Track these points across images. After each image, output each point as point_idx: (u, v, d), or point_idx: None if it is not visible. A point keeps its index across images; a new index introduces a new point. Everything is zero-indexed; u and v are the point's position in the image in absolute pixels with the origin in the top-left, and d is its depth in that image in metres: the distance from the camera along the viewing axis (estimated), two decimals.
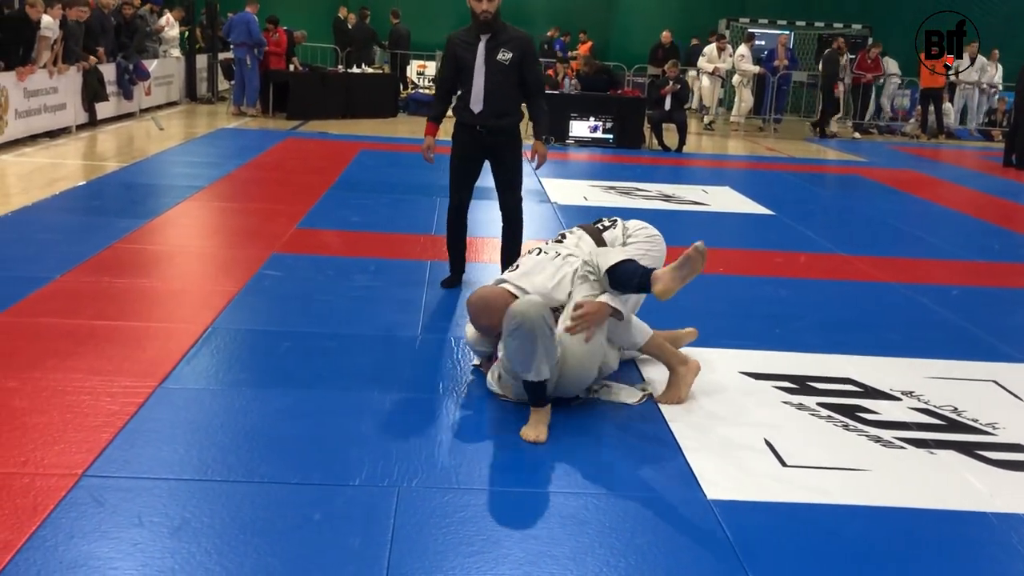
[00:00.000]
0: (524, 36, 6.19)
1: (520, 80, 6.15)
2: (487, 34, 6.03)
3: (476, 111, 6.11)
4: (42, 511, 3.31)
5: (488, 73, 6.05)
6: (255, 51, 16.44)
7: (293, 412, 4.29)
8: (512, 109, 6.24)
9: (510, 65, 6.06)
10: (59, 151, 11.80)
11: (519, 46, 6.08)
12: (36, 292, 5.77)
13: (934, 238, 9.09)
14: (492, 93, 6.07)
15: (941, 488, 3.91)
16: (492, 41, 6.04)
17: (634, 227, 5.02)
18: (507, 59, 6.04)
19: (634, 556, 3.27)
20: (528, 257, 4.79)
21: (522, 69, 6.12)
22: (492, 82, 6.06)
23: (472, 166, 6.34)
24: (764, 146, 16.56)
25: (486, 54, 6.04)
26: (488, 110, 6.11)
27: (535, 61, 6.27)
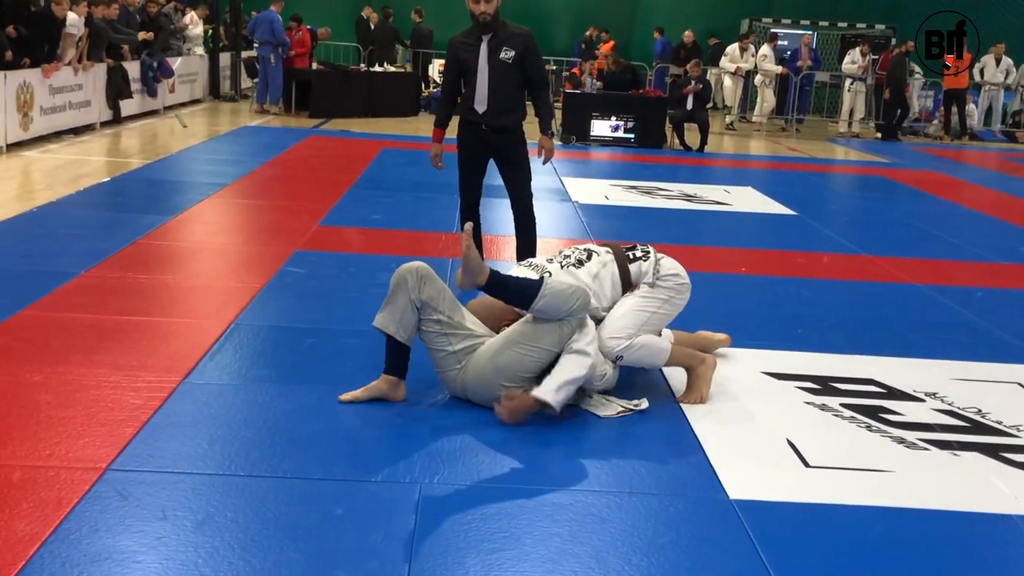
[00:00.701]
0: (525, 33, 6.19)
1: (523, 77, 6.17)
2: (488, 34, 6.07)
3: (480, 111, 6.14)
4: (66, 504, 3.33)
5: (491, 72, 6.07)
6: (279, 50, 16.49)
7: (316, 408, 4.30)
8: (516, 107, 6.26)
9: (513, 63, 6.08)
10: (84, 148, 11.88)
11: (521, 43, 6.10)
12: (61, 287, 5.81)
13: (957, 239, 9.03)
14: (496, 92, 6.10)
15: (965, 490, 3.88)
16: (494, 40, 6.07)
17: (667, 269, 4.69)
18: (510, 57, 6.07)
19: (656, 555, 3.26)
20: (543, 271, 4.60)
21: (525, 66, 6.13)
22: (495, 81, 6.08)
23: (478, 165, 6.36)
24: (786, 146, 16.51)
25: (488, 54, 6.07)
26: (492, 109, 6.12)
27: (537, 57, 6.25)
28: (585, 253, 4.72)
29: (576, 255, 4.70)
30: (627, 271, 4.65)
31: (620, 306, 4.59)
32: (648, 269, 4.65)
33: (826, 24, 23.06)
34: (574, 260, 4.64)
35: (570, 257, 4.68)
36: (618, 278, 4.63)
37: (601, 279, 4.59)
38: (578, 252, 4.74)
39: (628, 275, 4.64)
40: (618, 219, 9.16)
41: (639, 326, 4.51)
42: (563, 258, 4.68)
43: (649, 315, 4.56)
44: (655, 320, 4.59)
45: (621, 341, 4.47)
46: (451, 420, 4.27)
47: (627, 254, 4.72)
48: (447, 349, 4.34)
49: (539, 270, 4.55)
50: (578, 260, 4.65)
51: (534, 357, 4.25)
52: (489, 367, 4.26)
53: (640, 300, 4.58)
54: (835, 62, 21.26)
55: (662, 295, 4.62)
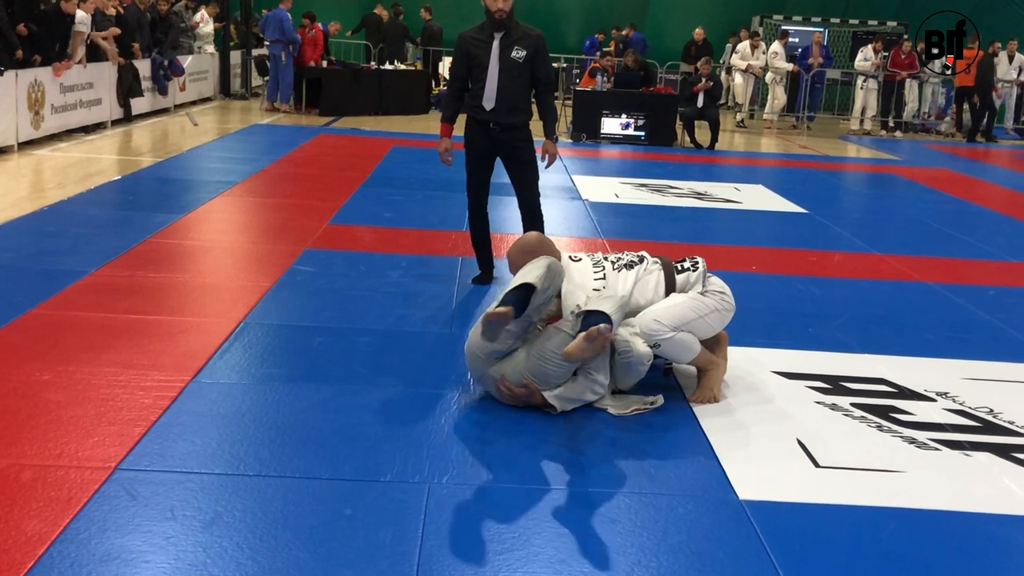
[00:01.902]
0: (537, 33, 6.18)
1: (531, 78, 6.17)
2: (501, 32, 6.06)
3: (489, 108, 6.13)
4: (76, 504, 3.34)
5: (502, 71, 6.07)
6: (289, 48, 16.50)
7: (325, 407, 4.30)
8: (524, 106, 6.26)
9: (523, 63, 6.08)
10: (94, 146, 11.91)
11: (532, 43, 6.10)
12: (72, 286, 5.82)
13: (970, 237, 8.99)
14: (505, 90, 6.10)
15: (976, 491, 3.86)
16: (506, 39, 6.06)
17: (715, 285, 4.74)
18: (521, 57, 6.06)
19: (666, 555, 3.25)
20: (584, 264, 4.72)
21: (534, 66, 6.14)
22: (506, 79, 6.08)
23: (486, 163, 6.34)
24: (797, 144, 16.46)
25: (500, 51, 6.06)
26: (501, 107, 6.12)
27: (547, 59, 6.26)
28: (637, 258, 4.81)
29: (628, 259, 4.79)
30: (673, 280, 4.71)
31: (674, 297, 4.63)
32: (696, 280, 4.71)
33: (837, 21, 23.00)
34: (626, 262, 4.75)
35: (622, 259, 4.78)
36: (663, 285, 4.69)
37: (644, 284, 4.67)
38: (631, 256, 4.83)
39: (674, 284, 4.71)
40: (628, 217, 9.14)
41: (686, 323, 4.52)
42: (616, 258, 4.78)
43: (698, 317, 4.56)
44: (700, 325, 4.58)
45: (665, 330, 4.46)
46: (460, 420, 4.26)
47: (675, 265, 4.80)
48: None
49: (593, 260, 4.75)
50: (628, 264, 4.75)
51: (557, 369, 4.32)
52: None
53: (693, 301, 4.60)
54: (846, 59, 21.19)
55: (713, 303, 4.64)
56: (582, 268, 4.67)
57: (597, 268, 4.68)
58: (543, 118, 6.35)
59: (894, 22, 22.66)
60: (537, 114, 6.30)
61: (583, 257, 4.78)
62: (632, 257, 4.81)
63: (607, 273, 4.65)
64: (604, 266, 4.70)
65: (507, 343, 4.34)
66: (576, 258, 4.76)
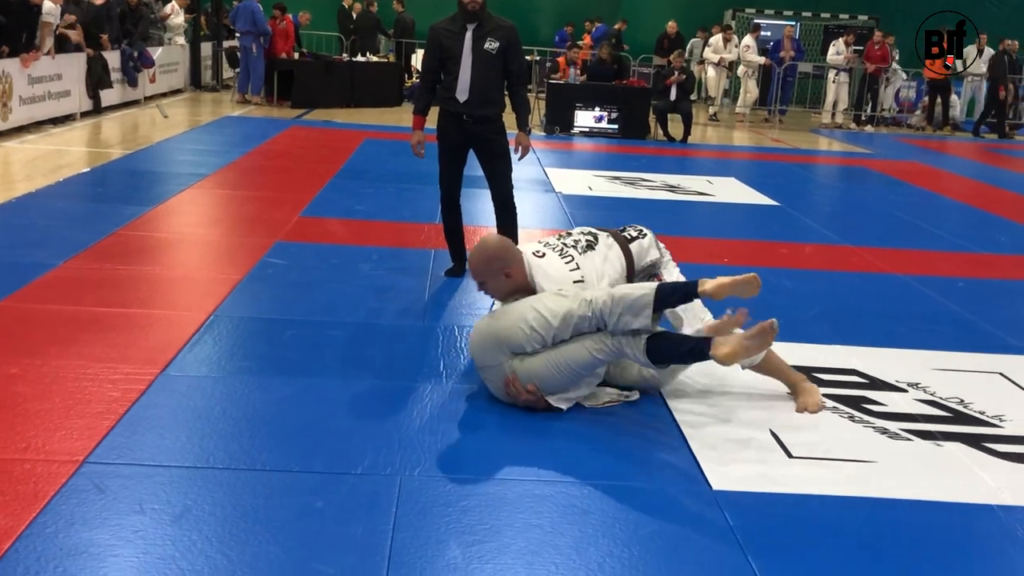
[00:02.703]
0: (510, 25, 6.14)
1: (504, 70, 6.12)
2: (474, 23, 6.00)
3: (462, 100, 6.07)
4: (43, 498, 3.30)
5: (475, 62, 6.01)
6: (260, 39, 16.39)
7: (296, 400, 4.27)
8: (497, 98, 6.20)
9: (496, 54, 6.03)
10: (63, 138, 11.79)
11: (505, 35, 6.05)
12: (40, 278, 5.76)
13: (940, 230, 9.05)
14: (478, 82, 6.04)
15: (947, 480, 3.88)
16: (479, 30, 6.00)
17: (666, 253, 4.86)
18: (494, 48, 6.01)
19: (637, 547, 3.25)
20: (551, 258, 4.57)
21: (507, 58, 6.09)
22: (478, 71, 6.03)
23: (459, 155, 6.29)
24: (769, 137, 16.52)
25: (473, 43, 6.01)
26: (474, 99, 6.07)
27: (519, 51, 6.22)
28: (592, 236, 4.74)
29: (585, 239, 4.70)
30: (629, 251, 4.70)
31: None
32: (648, 244, 4.75)
33: (809, 15, 23.08)
34: (584, 244, 4.66)
35: (580, 242, 4.68)
36: (622, 257, 4.67)
37: (611, 261, 4.63)
38: (585, 236, 4.74)
39: (631, 254, 4.69)
40: (601, 210, 9.13)
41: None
42: (573, 242, 4.68)
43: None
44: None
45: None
46: (432, 413, 4.24)
47: (624, 235, 4.77)
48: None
49: (555, 249, 4.61)
50: (588, 244, 4.66)
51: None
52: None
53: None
54: (818, 53, 21.27)
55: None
56: (552, 262, 4.55)
57: (565, 258, 4.57)
58: (516, 110, 6.31)
59: (865, 16, 22.76)
60: (510, 106, 6.27)
61: (545, 251, 4.61)
62: (587, 237, 4.72)
63: (577, 261, 4.56)
64: (571, 255, 4.59)
65: (534, 347, 4.25)
66: (540, 253, 4.59)
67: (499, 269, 4.45)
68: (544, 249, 4.62)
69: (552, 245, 4.66)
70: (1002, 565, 3.33)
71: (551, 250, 4.62)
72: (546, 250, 4.62)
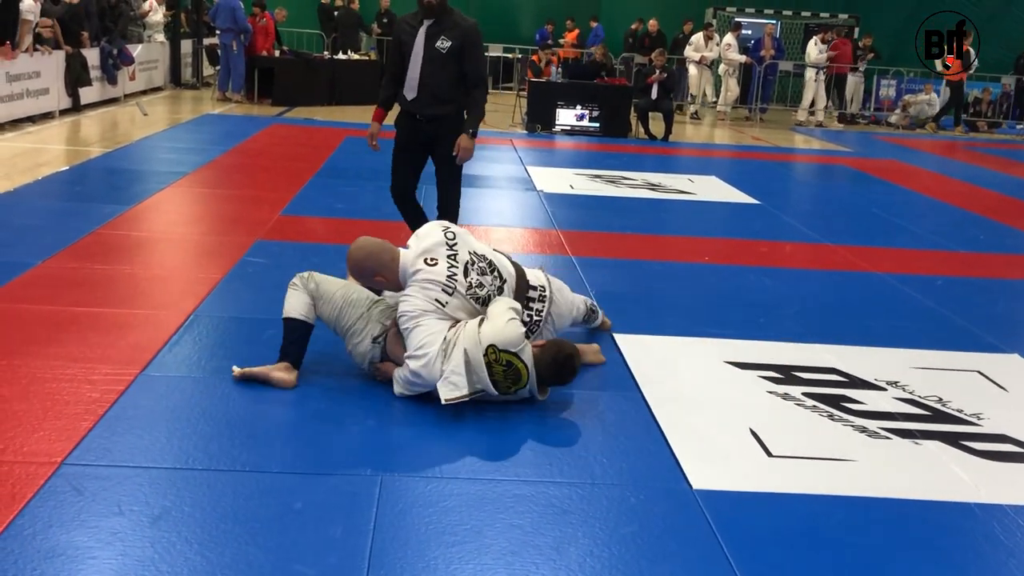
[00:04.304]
0: (469, 25, 5.93)
1: (460, 70, 5.92)
2: (430, 20, 5.86)
3: (410, 98, 5.97)
4: (20, 500, 3.28)
5: (425, 60, 5.86)
6: (240, 37, 16.33)
7: (276, 400, 4.26)
8: (449, 99, 5.97)
9: (448, 53, 5.84)
10: (42, 136, 11.71)
11: (461, 35, 5.85)
12: (17, 278, 5.72)
13: (919, 228, 9.10)
14: (427, 80, 5.89)
15: (926, 478, 3.90)
16: (434, 27, 5.85)
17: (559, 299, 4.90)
18: (445, 47, 5.83)
19: (617, 546, 3.25)
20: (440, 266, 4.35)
21: (462, 58, 5.88)
22: (428, 70, 5.88)
23: (412, 154, 6.16)
24: (750, 135, 16.56)
25: (426, 40, 5.85)
26: (422, 98, 5.93)
27: (476, 52, 5.98)
28: (497, 292, 4.50)
29: (492, 290, 4.48)
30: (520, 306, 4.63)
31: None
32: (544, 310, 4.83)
33: (790, 13, 23.13)
34: (482, 296, 4.43)
35: (483, 289, 4.44)
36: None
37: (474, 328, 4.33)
38: (494, 287, 4.50)
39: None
40: (583, 208, 9.14)
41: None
42: (478, 285, 4.43)
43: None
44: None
45: None
46: (413, 413, 4.23)
47: (527, 307, 4.71)
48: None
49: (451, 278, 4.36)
50: (486, 297, 4.45)
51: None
52: None
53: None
54: (799, 51, 21.32)
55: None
56: (435, 274, 4.33)
57: (448, 284, 4.33)
58: (467, 112, 6.06)
59: (845, 15, 22.83)
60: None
61: (439, 260, 4.37)
62: (490, 291, 4.47)
63: (452, 296, 4.33)
64: (454, 285, 4.34)
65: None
66: (432, 260, 4.36)
67: (371, 273, 4.46)
68: (441, 260, 4.38)
69: (455, 265, 4.38)
70: (980, 563, 3.35)
71: (446, 265, 4.37)
72: (442, 262, 4.37)
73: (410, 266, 4.36)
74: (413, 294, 4.30)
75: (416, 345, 4.22)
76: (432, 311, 4.27)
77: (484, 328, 4.23)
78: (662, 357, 5.09)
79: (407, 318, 4.27)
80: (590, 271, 6.62)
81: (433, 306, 4.28)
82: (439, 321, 4.28)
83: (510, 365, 4.18)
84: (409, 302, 4.29)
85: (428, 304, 4.27)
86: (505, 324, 4.26)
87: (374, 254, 4.44)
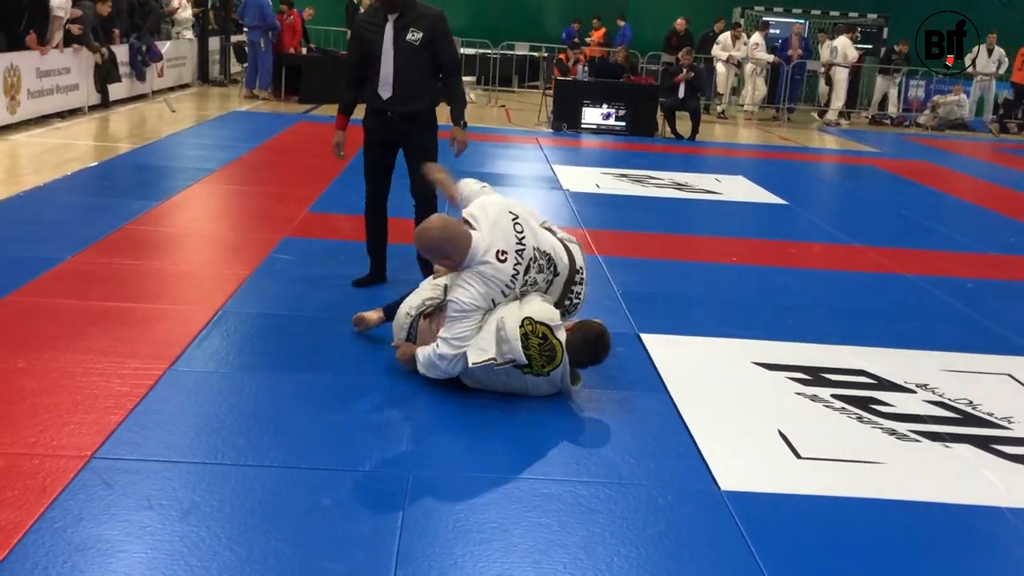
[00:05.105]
0: (435, 13, 5.70)
1: (432, 62, 5.68)
2: (395, 14, 5.59)
3: (385, 96, 5.68)
4: (51, 492, 3.30)
5: (397, 55, 5.60)
6: (268, 34, 16.40)
7: (303, 396, 4.27)
8: (424, 92, 5.73)
9: (420, 45, 5.59)
10: (71, 132, 11.79)
11: (429, 24, 5.61)
12: (48, 272, 5.76)
13: (948, 229, 9.03)
14: (402, 76, 5.62)
15: (956, 482, 3.87)
16: (400, 20, 5.58)
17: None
18: (417, 39, 5.58)
19: (645, 546, 3.24)
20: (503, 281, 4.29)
21: (434, 49, 5.64)
22: (401, 65, 5.61)
23: (385, 154, 5.92)
24: (777, 135, 16.48)
25: (394, 35, 5.59)
26: (398, 95, 5.66)
27: (447, 40, 5.74)
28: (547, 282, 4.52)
29: (542, 282, 4.48)
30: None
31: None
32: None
33: (818, 13, 23.00)
34: (534, 286, 4.44)
35: (536, 283, 4.45)
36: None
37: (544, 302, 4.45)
38: (543, 278, 4.49)
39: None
40: (609, 207, 9.12)
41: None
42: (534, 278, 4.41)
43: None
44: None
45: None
46: (439, 410, 4.24)
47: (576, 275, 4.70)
48: None
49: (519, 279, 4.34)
50: (536, 288, 4.45)
51: None
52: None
53: None
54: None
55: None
56: (501, 273, 4.29)
57: (510, 284, 4.30)
58: (450, 103, 5.84)
59: (874, 14, 22.69)
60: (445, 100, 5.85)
61: (508, 256, 4.30)
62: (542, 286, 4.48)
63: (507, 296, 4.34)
64: (515, 285, 4.33)
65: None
66: (503, 256, 4.28)
67: (443, 255, 4.35)
68: (512, 255, 4.31)
69: (522, 259, 4.33)
70: (1010, 567, 3.32)
71: (516, 258, 4.32)
72: (512, 256, 4.31)
73: (480, 254, 4.25)
74: (474, 285, 4.24)
75: (454, 335, 4.22)
76: (484, 308, 4.27)
77: (522, 305, 4.29)
78: (690, 357, 5.07)
79: (459, 307, 4.23)
80: (617, 271, 6.61)
81: (487, 304, 4.27)
82: (482, 313, 4.29)
83: (545, 339, 4.21)
84: (468, 292, 4.24)
85: (484, 301, 4.26)
86: (541, 301, 4.35)
87: (454, 239, 4.26)
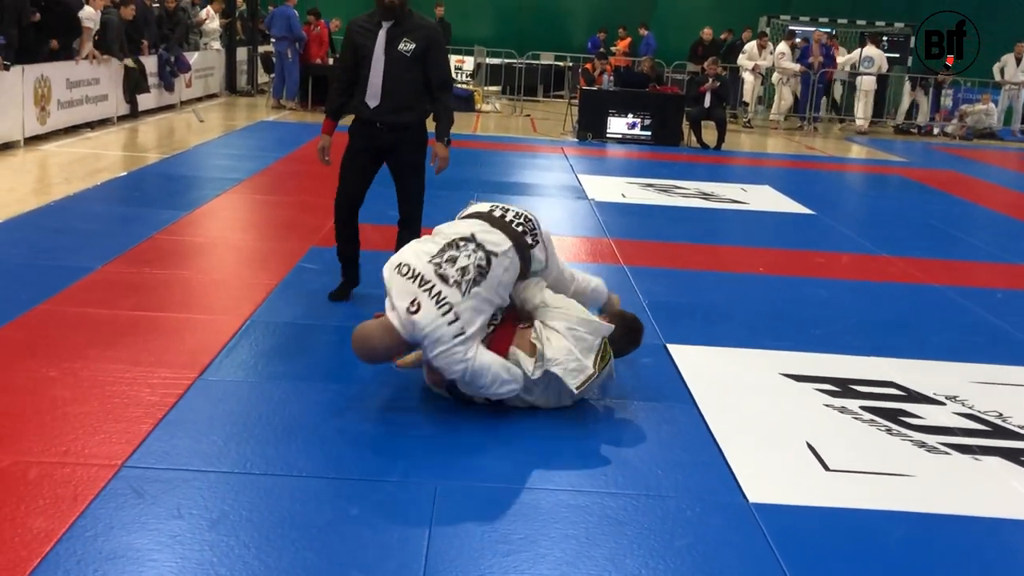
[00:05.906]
0: (431, 26, 5.63)
1: (424, 75, 5.53)
2: (390, 21, 5.44)
3: (372, 106, 5.54)
4: (82, 501, 3.32)
5: (387, 64, 5.45)
6: (295, 45, 16.50)
7: (332, 406, 4.28)
8: (414, 105, 5.58)
9: (412, 57, 5.44)
10: (100, 142, 11.89)
11: (424, 36, 5.46)
12: (78, 282, 5.81)
13: (977, 240, 8.96)
14: (390, 87, 5.48)
15: (986, 495, 3.84)
16: (395, 29, 5.43)
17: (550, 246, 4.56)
18: (409, 50, 5.43)
19: (673, 558, 3.23)
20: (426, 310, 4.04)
21: (426, 63, 5.49)
22: (391, 74, 5.46)
23: (367, 165, 5.78)
24: (804, 145, 16.42)
25: (387, 43, 5.43)
26: (386, 105, 5.52)
27: (441, 54, 5.63)
28: (484, 256, 4.19)
29: (476, 265, 4.16)
30: (527, 264, 4.40)
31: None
32: (539, 251, 4.44)
33: (845, 22, 22.91)
34: (473, 275, 4.13)
35: (468, 271, 4.14)
36: (517, 270, 4.33)
37: (502, 285, 4.24)
38: (477, 258, 4.18)
39: (528, 267, 4.41)
40: (635, 217, 9.11)
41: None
42: (459, 272, 4.13)
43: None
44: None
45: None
46: (467, 421, 4.24)
47: (524, 239, 4.39)
48: None
49: (431, 293, 4.06)
50: (479, 271, 4.15)
51: None
52: None
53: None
54: None
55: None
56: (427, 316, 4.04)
57: (441, 306, 4.06)
58: (436, 119, 5.65)
59: (901, 23, 22.58)
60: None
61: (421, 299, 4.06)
62: (479, 259, 4.18)
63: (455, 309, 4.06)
64: (447, 298, 4.07)
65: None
66: (414, 308, 4.06)
67: (392, 355, 4.25)
68: (420, 297, 4.05)
69: (428, 283, 4.09)
70: None
71: (426, 296, 4.05)
72: (422, 297, 4.05)
73: (408, 328, 4.05)
74: (447, 355, 4.05)
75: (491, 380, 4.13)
76: (477, 330, 4.10)
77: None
78: (717, 369, 5.06)
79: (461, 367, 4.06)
80: (642, 280, 6.60)
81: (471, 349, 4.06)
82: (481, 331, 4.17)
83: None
84: (454, 358, 4.04)
85: (469, 351, 4.05)
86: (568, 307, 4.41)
87: (380, 339, 4.11)
